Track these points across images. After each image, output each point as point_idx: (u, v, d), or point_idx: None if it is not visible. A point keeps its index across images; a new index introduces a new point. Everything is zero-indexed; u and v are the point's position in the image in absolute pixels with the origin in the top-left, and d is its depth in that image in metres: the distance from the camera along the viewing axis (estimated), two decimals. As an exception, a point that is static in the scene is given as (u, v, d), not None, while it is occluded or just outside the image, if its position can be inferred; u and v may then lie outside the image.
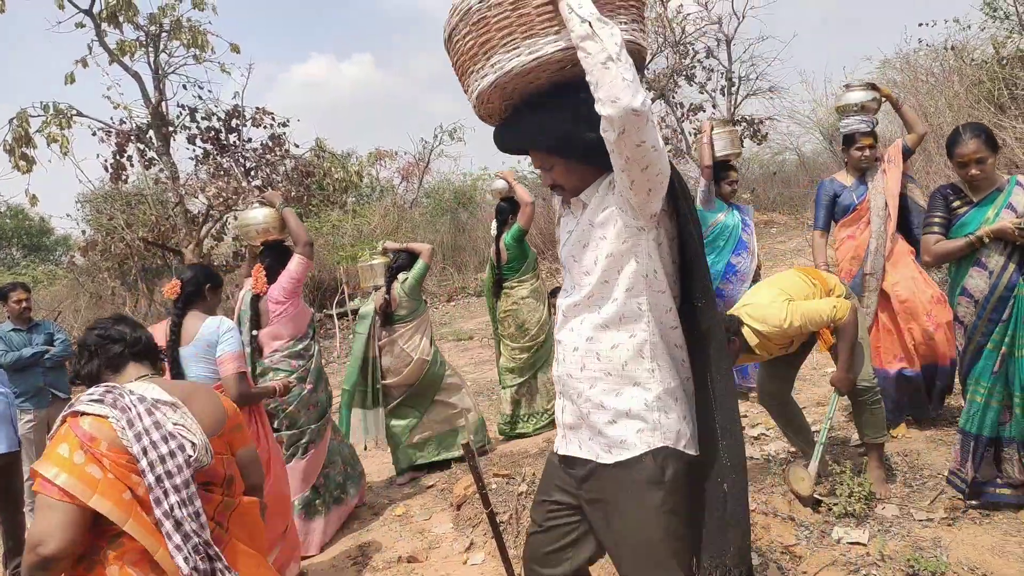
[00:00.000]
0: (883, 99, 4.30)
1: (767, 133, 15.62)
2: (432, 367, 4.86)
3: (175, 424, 1.73)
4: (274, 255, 4.06)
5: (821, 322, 3.23)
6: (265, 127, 11.69)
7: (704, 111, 15.43)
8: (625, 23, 1.68)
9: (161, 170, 11.44)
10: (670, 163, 1.66)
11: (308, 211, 12.47)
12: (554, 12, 1.59)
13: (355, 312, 9.26)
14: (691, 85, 15.41)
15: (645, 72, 2.07)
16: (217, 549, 1.68)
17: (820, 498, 3.26)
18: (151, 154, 11.35)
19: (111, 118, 11.36)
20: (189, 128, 11.41)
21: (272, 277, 3.97)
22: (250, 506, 1.90)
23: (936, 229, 3.16)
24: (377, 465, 5.28)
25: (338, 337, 11.00)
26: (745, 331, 3.30)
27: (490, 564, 3.55)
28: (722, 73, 15.26)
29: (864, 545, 2.93)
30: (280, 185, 11.21)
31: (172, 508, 1.62)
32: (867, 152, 4.17)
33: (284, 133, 11.67)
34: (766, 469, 3.78)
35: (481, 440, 5.06)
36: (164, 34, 10.80)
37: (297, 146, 11.89)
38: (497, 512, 3.83)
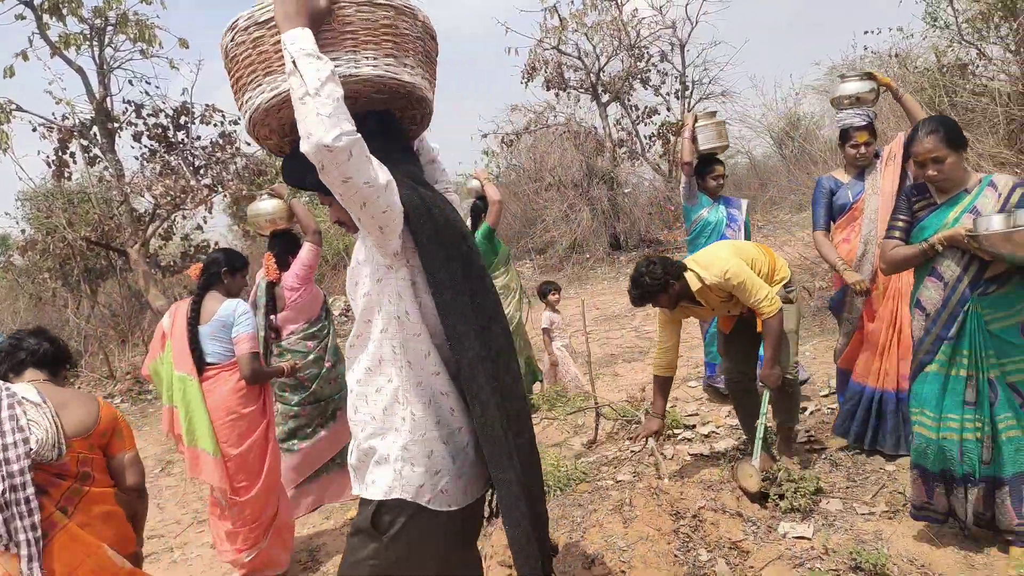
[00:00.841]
0: (882, 89, 3.96)
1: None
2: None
3: (29, 420, 2.07)
4: (282, 243, 4.31)
5: (751, 298, 3.35)
6: (215, 125, 11.41)
7: (659, 114, 15.65)
8: (372, 57, 1.62)
9: (106, 168, 11.07)
10: (421, 197, 1.63)
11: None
12: None
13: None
14: (646, 88, 15.60)
15: (428, 102, 1.82)
16: (36, 521, 2.01)
17: (767, 493, 3.32)
18: (95, 151, 10.98)
19: (53, 113, 10.96)
20: (135, 125, 11.06)
21: (281, 264, 4.21)
22: (102, 496, 2.21)
23: (896, 234, 2.84)
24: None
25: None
26: (689, 276, 3.42)
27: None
28: (676, 77, 15.48)
29: (809, 539, 2.99)
30: (230, 183, 10.95)
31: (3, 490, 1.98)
32: (862, 149, 3.82)
33: (235, 131, 11.41)
34: (716, 466, 3.83)
35: None
36: (109, 28, 10.46)
37: (248, 144, 11.65)
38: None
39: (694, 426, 4.61)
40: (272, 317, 4.15)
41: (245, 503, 3.38)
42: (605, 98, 15.54)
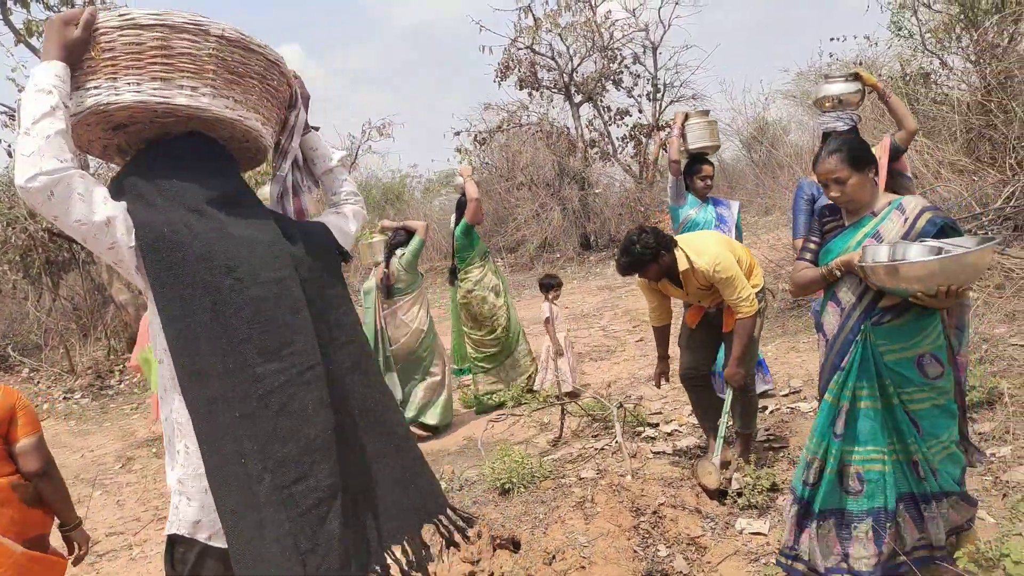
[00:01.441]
0: (868, 90, 3.81)
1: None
2: (427, 337, 5.41)
3: None
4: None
5: (733, 295, 3.40)
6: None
7: (630, 115, 15.75)
8: (136, 83, 1.54)
9: (70, 158, 10.82)
10: (174, 229, 1.54)
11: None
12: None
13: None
14: (619, 89, 15.68)
15: (236, 122, 1.59)
16: None
17: (726, 490, 3.39)
18: (59, 141, 10.70)
19: (16, 101, 10.70)
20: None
21: None
22: None
23: (807, 255, 2.71)
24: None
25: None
26: (678, 254, 3.45)
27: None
28: (648, 79, 15.60)
29: (765, 535, 3.06)
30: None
31: None
32: None
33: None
34: (677, 464, 3.89)
35: (448, 419, 5.53)
36: (75, 15, 10.22)
37: (215, 136, 11.40)
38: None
39: (658, 424, 4.67)
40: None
41: None
42: (578, 99, 15.61)
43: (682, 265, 3.45)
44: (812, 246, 2.70)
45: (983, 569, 2.39)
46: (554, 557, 2.94)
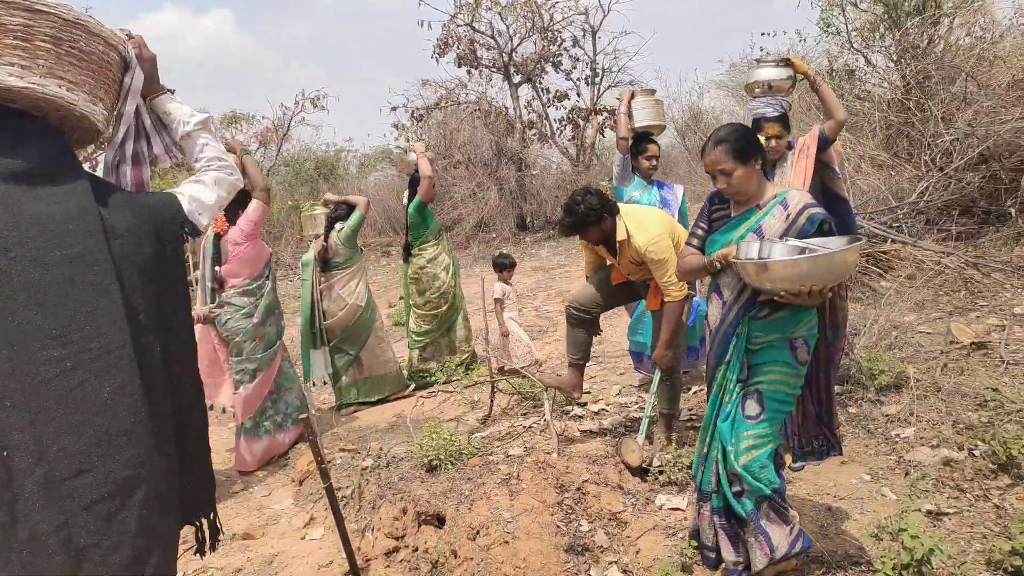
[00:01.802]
0: (799, 77, 3.78)
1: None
2: (365, 312, 5.39)
3: None
4: (235, 198, 4.34)
5: (663, 277, 3.46)
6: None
7: (569, 98, 15.79)
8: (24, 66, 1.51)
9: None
10: None
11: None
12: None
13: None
14: (557, 72, 15.69)
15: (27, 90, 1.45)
16: None
17: (648, 468, 3.48)
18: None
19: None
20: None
21: (231, 218, 4.46)
22: None
23: (694, 241, 2.70)
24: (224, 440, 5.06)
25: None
26: (619, 224, 3.49)
27: (330, 538, 3.51)
28: (587, 63, 15.67)
29: (683, 511, 3.16)
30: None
31: None
32: (772, 143, 3.57)
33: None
34: (602, 441, 3.96)
35: (409, 382, 5.72)
36: None
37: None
38: (339, 487, 3.79)
39: (586, 404, 4.75)
40: (216, 268, 4.44)
41: None
42: (517, 79, 15.55)
43: (620, 235, 3.49)
44: (699, 232, 2.69)
45: (882, 543, 2.53)
46: (478, 532, 2.97)
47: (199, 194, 1.83)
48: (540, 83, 15.69)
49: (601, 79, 15.66)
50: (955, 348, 4.61)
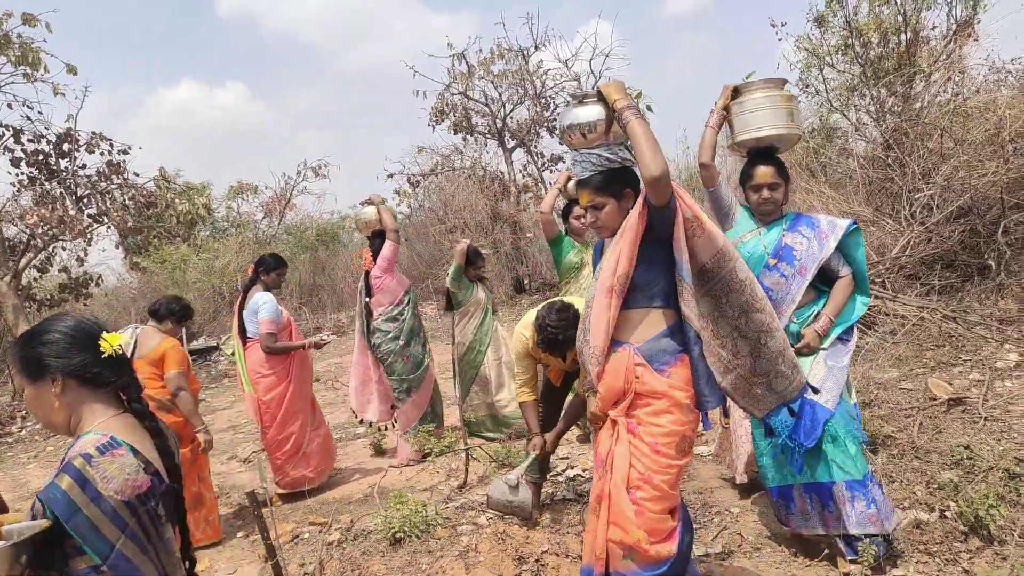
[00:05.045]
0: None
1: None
2: (467, 353, 5.52)
3: None
4: (379, 241, 5.30)
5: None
6: (102, 153, 10.91)
7: (564, 161, 16.03)
8: None
9: (-24, 193, 10.44)
10: None
11: (148, 244, 11.68)
12: None
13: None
14: (552, 136, 16.00)
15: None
16: None
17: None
18: (-34, 176, 10.31)
19: None
20: (13, 151, 10.48)
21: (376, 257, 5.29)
22: None
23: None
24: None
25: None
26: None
27: (287, 618, 3.41)
28: (580, 127, 15.94)
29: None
30: (116, 215, 10.48)
31: None
32: (588, 215, 2.72)
33: (123, 160, 10.94)
34: (578, 507, 3.89)
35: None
36: (-11, 49, 9.94)
37: (137, 175, 11.19)
38: (303, 563, 3.71)
39: (566, 469, 4.67)
40: (367, 300, 5.30)
41: (271, 437, 4.91)
42: (511, 144, 15.86)
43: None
44: None
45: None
46: (431, 609, 2.89)
47: None
48: (535, 148, 15.99)
49: (594, 142, 15.91)
50: (932, 405, 4.54)
